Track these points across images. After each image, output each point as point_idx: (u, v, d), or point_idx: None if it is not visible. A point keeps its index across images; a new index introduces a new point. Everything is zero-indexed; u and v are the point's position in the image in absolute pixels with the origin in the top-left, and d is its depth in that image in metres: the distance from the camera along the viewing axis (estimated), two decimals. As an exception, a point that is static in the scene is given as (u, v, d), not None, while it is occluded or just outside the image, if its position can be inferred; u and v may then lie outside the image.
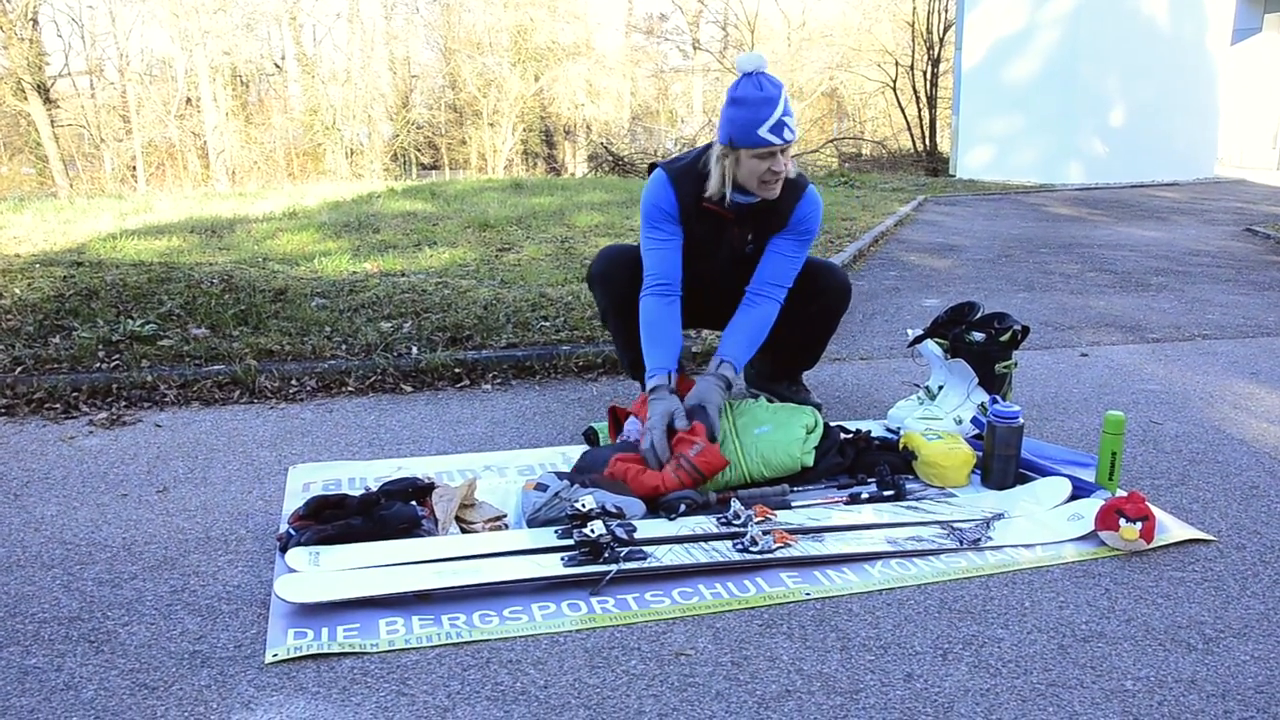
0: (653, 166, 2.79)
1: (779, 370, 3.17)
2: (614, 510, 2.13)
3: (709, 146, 2.70)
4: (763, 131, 2.49)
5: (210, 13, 20.26)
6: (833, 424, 2.80)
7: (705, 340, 3.82)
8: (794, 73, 25.35)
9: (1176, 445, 2.88)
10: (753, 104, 2.49)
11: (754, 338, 2.72)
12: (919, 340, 2.95)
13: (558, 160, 26.30)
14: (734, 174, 2.60)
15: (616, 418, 2.73)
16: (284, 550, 2.11)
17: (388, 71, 25.09)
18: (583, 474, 2.39)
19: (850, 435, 2.64)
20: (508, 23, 23.81)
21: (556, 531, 2.13)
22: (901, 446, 2.59)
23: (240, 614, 1.87)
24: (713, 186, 2.63)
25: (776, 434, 2.52)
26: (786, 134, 2.51)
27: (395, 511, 2.20)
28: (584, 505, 2.10)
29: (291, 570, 1.99)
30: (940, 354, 2.88)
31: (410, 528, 2.20)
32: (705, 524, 2.21)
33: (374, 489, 2.32)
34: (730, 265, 2.82)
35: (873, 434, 2.76)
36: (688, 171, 2.68)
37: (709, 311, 3.01)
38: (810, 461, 2.49)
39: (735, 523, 2.19)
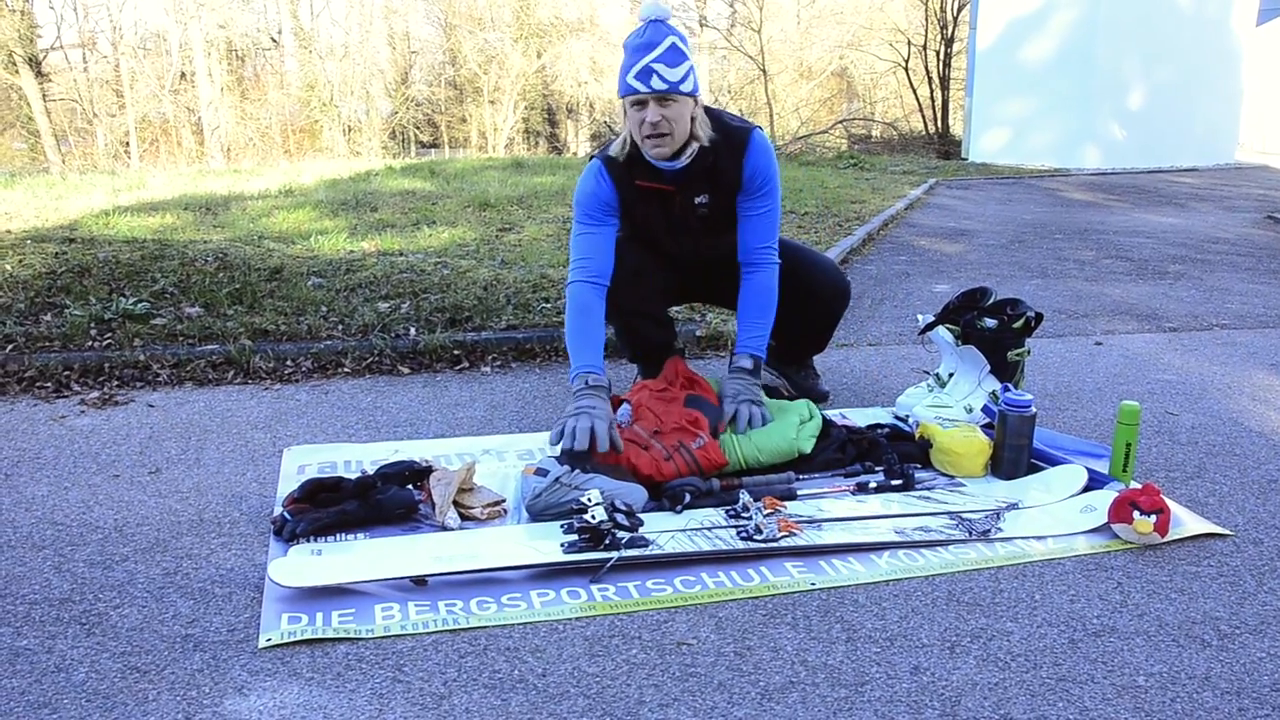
0: (591, 157, 2.71)
1: (788, 355, 3.14)
2: (623, 508, 2.09)
3: None
4: (630, 78, 2.37)
5: (206, -15, 20.12)
6: (843, 416, 2.80)
7: (710, 324, 3.78)
8: (803, 51, 25.14)
9: (1193, 437, 2.84)
10: (630, 49, 2.38)
11: (763, 312, 2.67)
12: (930, 327, 2.92)
13: (560, 139, 26.18)
14: (626, 130, 2.50)
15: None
16: (278, 534, 2.09)
17: (387, 47, 24.93)
18: (575, 457, 2.36)
19: (858, 436, 2.59)
20: (510, -3, 23.65)
21: (563, 526, 2.09)
22: (918, 436, 2.56)
23: (234, 598, 1.86)
24: (614, 148, 2.54)
25: (770, 423, 2.50)
26: (655, 81, 2.33)
27: (391, 496, 2.18)
28: (589, 499, 2.07)
29: (285, 554, 1.97)
30: (951, 341, 2.84)
31: (407, 513, 2.18)
32: (714, 517, 2.18)
33: (370, 472, 2.30)
34: (693, 233, 2.73)
35: (881, 423, 2.74)
36: (616, 154, 2.58)
37: (697, 286, 2.98)
38: (808, 449, 2.46)
39: (744, 514, 2.16)
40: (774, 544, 2.04)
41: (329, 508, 2.14)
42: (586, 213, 2.60)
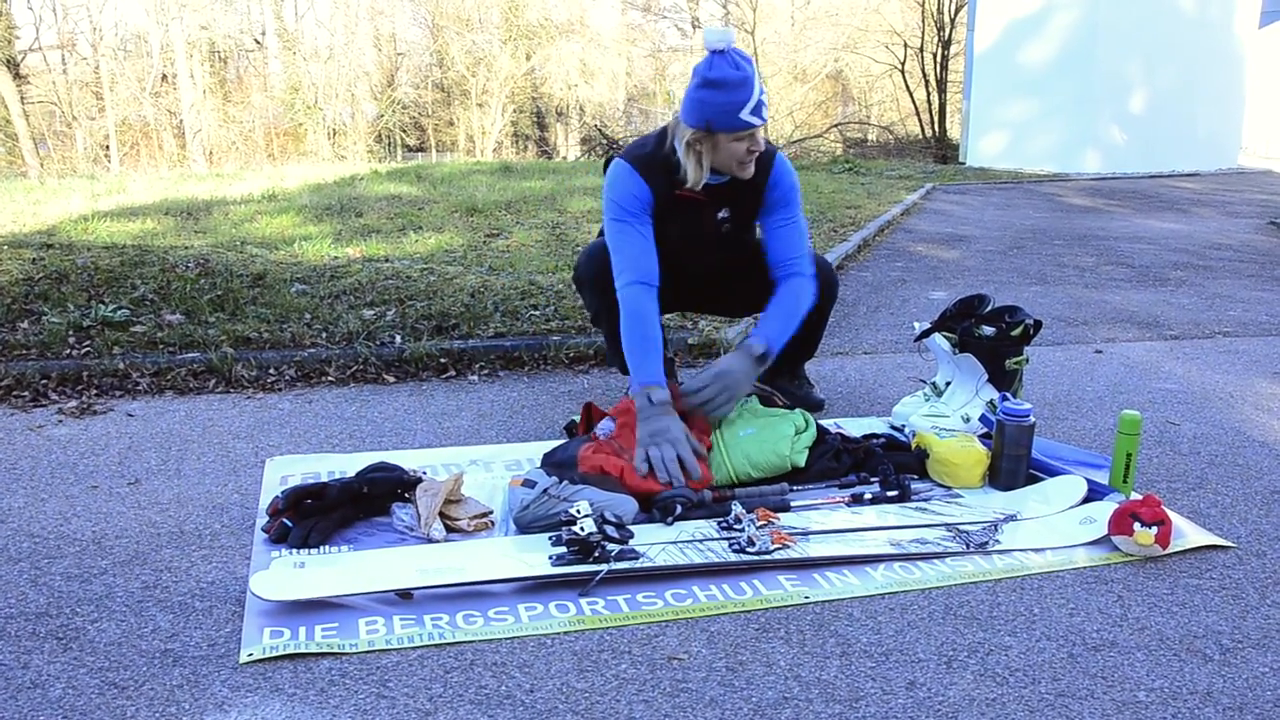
0: (609, 159, 2.70)
1: (778, 365, 3.12)
2: (613, 520, 2.06)
3: (664, 131, 2.61)
4: (745, 114, 2.41)
5: (188, -15, 20.04)
6: (837, 425, 2.77)
7: (703, 333, 3.76)
8: (797, 54, 25.09)
9: (1195, 447, 2.83)
10: (732, 85, 2.39)
11: (789, 315, 2.65)
12: (926, 334, 2.90)
13: (549, 143, 26.17)
14: (710, 159, 2.52)
15: (590, 416, 2.65)
16: (279, 541, 2.07)
17: (372, 49, 24.86)
18: (559, 469, 2.34)
19: (853, 445, 2.56)
20: (499, -2, 23.64)
21: (551, 538, 2.07)
22: (915, 446, 2.54)
23: (214, 611, 1.83)
24: (691, 176, 2.53)
25: (762, 434, 2.48)
26: (764, 112, 2.46)
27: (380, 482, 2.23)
28: (578, 511, 2.04)
29: (268, 567, 1.95)
30: (948, 349, 2.83)
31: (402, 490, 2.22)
32: (705, 529, 2.16)
33: (355, 478, 2.27)
34: (710, 247, 2.76)
35: (877, 433, 2.71)
36: (654, 161, 2.58)
37: (696, 296, 2.97)
38: (801, 461, 2.43)
39: (736, 527, 2.13)
40: (767, 556, 2.02)
41: (331, 514, 2.15)
42: (629, 210, 2.58)
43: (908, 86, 21.78)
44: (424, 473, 2.36)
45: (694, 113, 2.45)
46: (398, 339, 3.56)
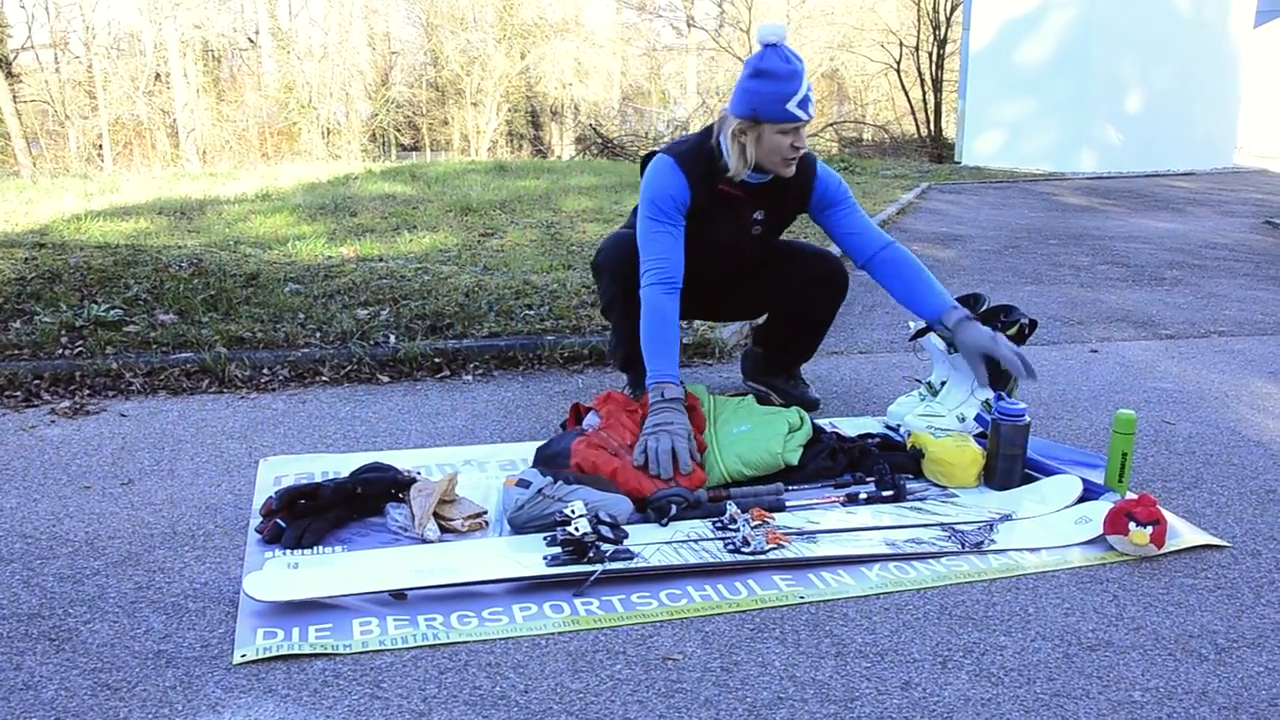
0: (649, 155, 2.71)
1: (775, 364, 3.11)
2: (607, 520, 2.05)
3: (708, 129, 2.64)
4: (791, 106, 2.45)
5: (181, -16, 19.99)
6: (833, 425, 2.76)
7: (698, 332, 3.75)
8: (793, 52, 25.12)
9: (1190, 446, 2.83)
10: (781, 77, 2.44)
11: (928, 277, 2.71)
12: (921, 334, 2.89)
13: (544, 142, 26.12)
14: (754, 151, 2.54)
15: (579, 414, 2.65)
16: (272, 541, 2.07)
17: (366, 47, 24.79)
18: (549, 464, 2.34)
19: (849, 444, 2.56)
20: (493, -3, 23.60)
21: (546, 539, 2.06)
22: (910, 446, 2.54)
23: (207, 612, 1.82)
24: (734, 165, 2.56)
25: (755, 432, 2.48)
26: (811, 109, 2.50)
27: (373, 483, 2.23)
28: (573, 511, 2.03)
29: (261, 567, 1.94)
30: (943, 348, 2.82)
31: (397, 490, 2.21)
32: (700, 529, 2.15)
33: (349, 478, 2.26)
34: (737, 246, 2.79)
35: (872, 432, 2.71)
36: (696, 155, 2.61)
37: (702, 301, 2.95)
38: (794, 460, 2.43)
39: (731, 527, 2.12)
40: (762, 556, 2.01)
41: (326, 515, 2.14)
42: (662, 210, 2.59)
43: (903, 86, 21.76)
44: (418, 473, 2.35)
45: (742, 102, 2.49)
46: (392, 339, 3.55)
